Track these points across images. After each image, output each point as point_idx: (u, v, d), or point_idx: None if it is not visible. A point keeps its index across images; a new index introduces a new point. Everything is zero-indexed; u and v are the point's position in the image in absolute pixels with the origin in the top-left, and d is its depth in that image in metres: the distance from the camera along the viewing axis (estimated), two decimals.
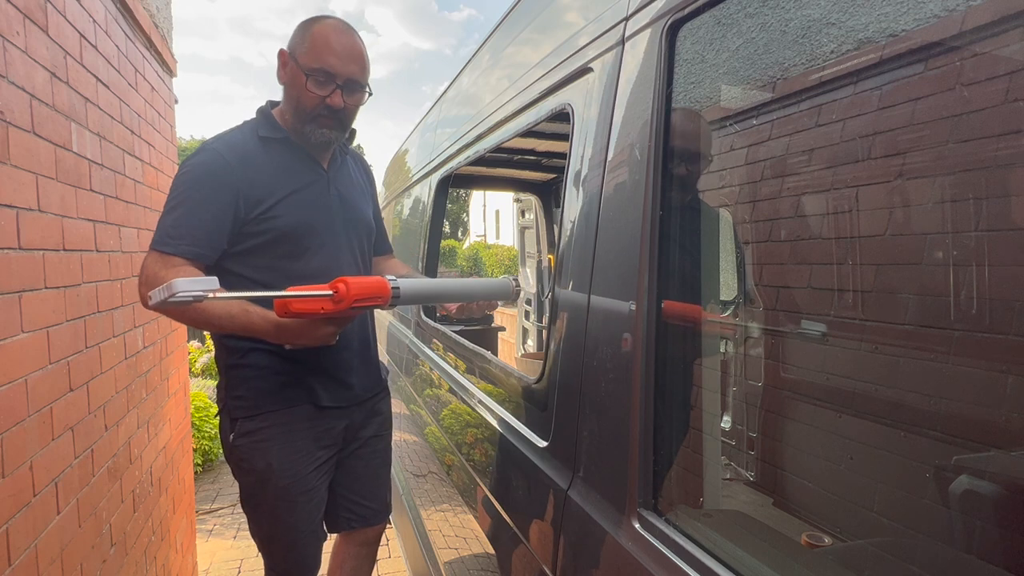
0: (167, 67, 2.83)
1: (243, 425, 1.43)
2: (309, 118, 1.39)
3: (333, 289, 1.11)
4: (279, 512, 1.47)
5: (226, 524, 3.90)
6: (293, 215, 1.39)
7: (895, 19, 0.70)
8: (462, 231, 31.12)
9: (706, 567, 0.67)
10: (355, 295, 1.10)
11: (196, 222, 1.28)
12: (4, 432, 1.25)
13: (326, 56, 1.34)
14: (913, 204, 0.83)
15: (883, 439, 0.89)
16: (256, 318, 1.24)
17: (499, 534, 1.28)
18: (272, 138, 1.42)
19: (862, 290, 0.90)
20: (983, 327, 0.73)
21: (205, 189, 1.29)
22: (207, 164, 1.32)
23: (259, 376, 1.42)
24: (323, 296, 1.11)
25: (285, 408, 1.44)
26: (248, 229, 1.35)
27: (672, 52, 0.84)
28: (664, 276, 0.83)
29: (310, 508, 1.50)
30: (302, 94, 1.37)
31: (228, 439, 1.46)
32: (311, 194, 1.44)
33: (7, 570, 1.24)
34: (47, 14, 1.52)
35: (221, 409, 1.48)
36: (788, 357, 1.07)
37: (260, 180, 1.36)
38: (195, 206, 1.28)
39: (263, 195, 1.36)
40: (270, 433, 1.43)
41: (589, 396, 0.94)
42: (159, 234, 1.27)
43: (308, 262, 1.42)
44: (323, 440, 1.50)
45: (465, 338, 1.80)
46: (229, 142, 1.37)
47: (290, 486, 1.44)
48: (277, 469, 1.43)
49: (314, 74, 1.34)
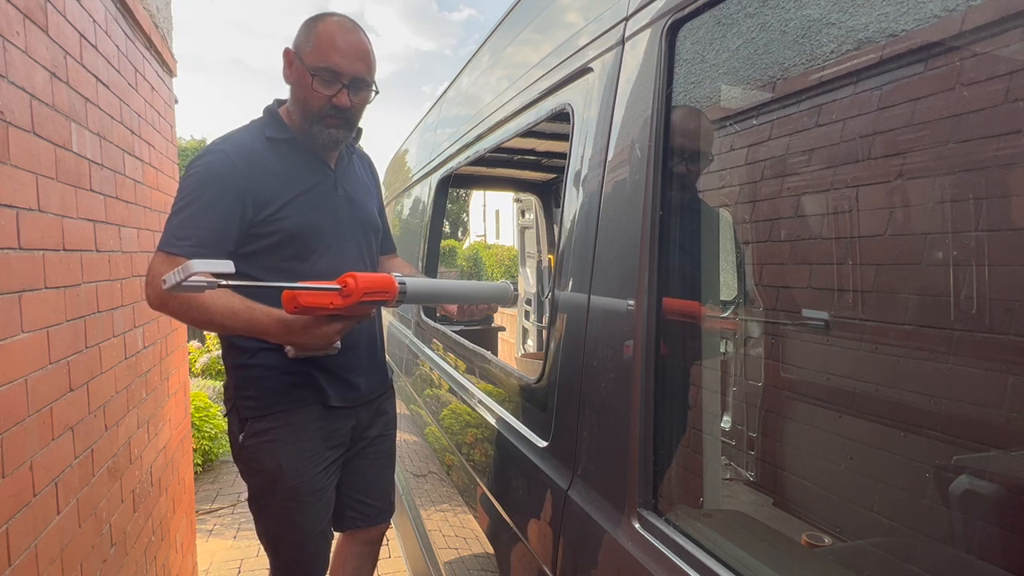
0: (167, 67, 2.82)
1: (253, 425, 1.42)
2: (316, 118, 1.38)
3: (342, 284, 1.10)
4: (288, 512, 1.46)
5: (226, 524, 3.90)
6: (300, 216, 1.39)
7: (895, 19, 0.70)
8: (462, 231, 31.12)
9: (706, 567, 0.67)
10: (364, 289, 1.10)
11: (202, 223, 1.27)
12: (4, 432, 1.25)
13: (331, 55, 1.33)
14: (913, 204, 0.83)
15: (883, 439, 0.89)
16: (260, 314, 1.23)
17: (499, 534, 1.28)
18: (279, 138, 1.41)
19: (862, 290, 0.90)
20: (983, 327, 0.73)
21: (212, 190, 1.28)
22: (214, 165, 1.31)
23: (269, 376, 1.41)
24: (332, 290, 1.10)
25: (295, 408, 1.43)
26: (255, 231, 1.35)
27: (672, 52, 0.84)
28: (664, 276, 0.83)
29: (319, 508, 1.50)
30: (308, 94, 1.36)
31: (237, 439, 1.45)
32: (318, 195, 1.44)
33: (7, 570, 1.24)
34: (47, 14, 1.52)
35: (229, 409, 1.47)
36: (788, 357, 1.07)
37: (267, 182, 1.35)
38: (201, 207, 1.27)
39: (270, 197, 1.35)
40: (280, 433, 1.42)
41: (589, 396, 0.94)
42: (166, 235, 1.26)
43: (315, 263, 1.41)
44: (332, 440, 1.50)
45: (465, 338, 1.80)
46: (236, 143, 1.37)
47: (299, 486, 1.44)
48: (287, 469, 1.42)
49: (320, 73, 1.33)
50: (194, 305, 1.21)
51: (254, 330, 1.25)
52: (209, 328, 1.29)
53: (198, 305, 1.21)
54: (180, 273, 0.95)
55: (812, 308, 0.99)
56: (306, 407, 1.45)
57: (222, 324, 1.25)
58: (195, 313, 1.22)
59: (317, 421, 1.46)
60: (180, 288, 0.96)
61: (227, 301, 1.22)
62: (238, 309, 1.23)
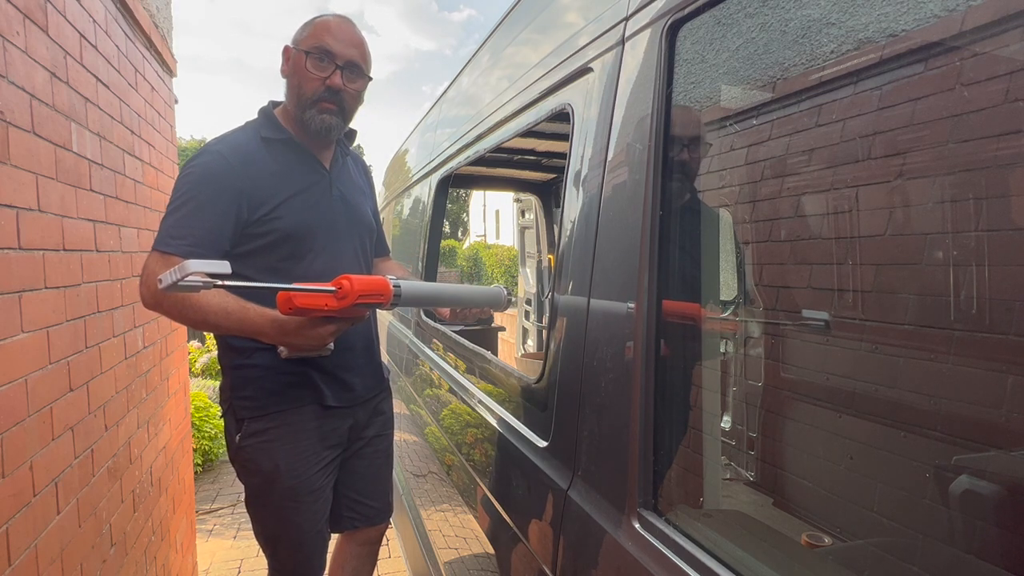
0: (167, 67, 2.83)
1: (250, 425, 1.43)
2: (309, 102, 1.38)
3: (337, 286, 1.11)
4: (285, 513, 1.46)
5: (226, 524, 3.90)
6: (296, 217, 1.39)
7: (895, 19, 0.70)
8: (462, 231, 31.11)
9: (706, 567, 0.67)
10: (359, 291, 1.11)
11: (198, 223, 1.27)
12: (4, 432, 1.25)
13: (325, 37, 1.37)
14: (913, 204, 0.83)
15: (883, 439, 0.89)
16: (253, 315, 1.23)
17: (499, 534, 1.28)
18: (274, 139, 1.42)
19: (862, 290, 0.90)
20: (983, 327, 0.73)
21: (208, 190, 1.29)
22: (209, 165, 1.31)
23: (265, 376, 1.42)
24: (327, 292, 1.11)
25: (292, 408, 1.44)
26: (251, 231, 1.35)
27: (672, 52, 0.84)
28: (664, 276, 0.83)
29: (316, 508, 1.50)
30: (303, 77, 1.38)
31: (234, 440, 1.45)
32: (313, 195, 1.44)
33: (7, 570, 1.24)
34: (47, 14, 1.52)
35: (226, 410, 1.47)
36: (788, 357, 1.07)
37: (263, 182, 1.36)
38: (197, 207, 1.28)
39: (266, 197, 1.36)
40: (277, 433, 1.43)
41: (589, 396, 0.94)
42: (161, 235, 1.27)
43: (311, 264, 1.41)
44: (329, 440, 1.50)
45: (465, 338, 1.80)
46: (232, 143, 1.37)
47: (297, 486, 1.44)
48: (284, 469, 1.42)
49: (314, 52, 1.36)
50: (188, 305, 1.22)
51: (248, 330, 1.25)
52: (203, 328, 1.29)
53: (192, 305, 1.21)
54: (176, 273, 0.95)
55: (812, 308, 0.99)
56: (303, 407, 1.45)
57: (216, 324, 1.25)
58: (189, 312, 1.23)
59: (314, 421, 1.46)
60: (176, 288, 0.96)
61: (221, 301, 1.22)
62: (232, 309, 1.23)
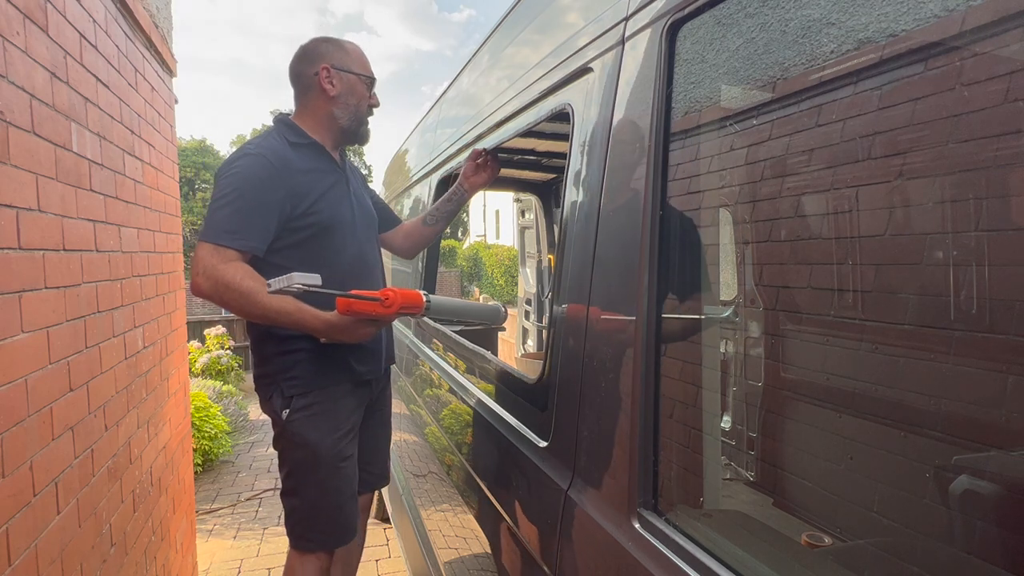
0: (167, 67, 2.82)
1: (298, 401, 1.59)
2: (363, 119, 1.68)
3: (384, 296, 1.37)
4: (327, 480, 1.61)
5: (226, 524, 3.90)
6: (329, 210, 1.58)
7: (895, 19, 0.70)
8: (462, 231, 31.12)
9: (706, 567, 0.67)
10: (401, 303, 1.38)
11: (249, 219, 1.43)
12: (4, 432, 1.25)
13: (368, 66, 1.67)
14: (913, 204, 0.83)
15: (883, 439, 0.89)
16: (308, 316, 1.43)
17: (499, 534, 1.28)
18: (301, 143, 1.59)
19: (862, 290, 0.90)
20: (983, 327, 0.73)
21: (256, 189, 1.45)
22: (255, 167, 1.47)
23: (308, 359, 1.59)
24: (375, 301, 1.37)
25: (333, 385, 1.62)
26: (292, 224, 1.52)
27: (672, 52, 0.84)
28: (664, 276, 0.83)
29: (350, 473, 1.67)
30: (362, 100, 1.66)
31: (282, 417, 1.59)
32: (338, 192, 1.64)
33: (7, 570, 1.24)
34: (47, 14, 1.52)
35: (271, 394, 1.60)
36: (788, 357, 1.07)
37: (301, 180, 1.54)
38: (247, 204, 1.43)
39: (305, 192, 1.53)
40: (321, 408, 1.60)
41: (589, 396, 0.94)
42: (214, 229, 1.41)
43: (343, 252, 1.60)
44: (357, 412, 1.70)
45: (465, 338, 1.80)
46: (268, 147, 1.52)
47: (336, 454, 1.61)
48: (327, 439, 1.59)
49: (367, 79, 1.65)
50: (252, 300, 1.39)
51: (302, 328, 1.45)
52: (252, 318, 1.47)
53: (256, 301, 1.40)
54: (284, 281, 1.26)
55: (812, 308, 0.99)
56: (341, 384, 1.64)
57: (275, 320, 1.44)
58: (250, 307, 1.41)
59: (349, 395, 1.65)
60: (281, 292, 1.27)
61: (280, 302, 1.40)
62: (290, 310, 1.42)
